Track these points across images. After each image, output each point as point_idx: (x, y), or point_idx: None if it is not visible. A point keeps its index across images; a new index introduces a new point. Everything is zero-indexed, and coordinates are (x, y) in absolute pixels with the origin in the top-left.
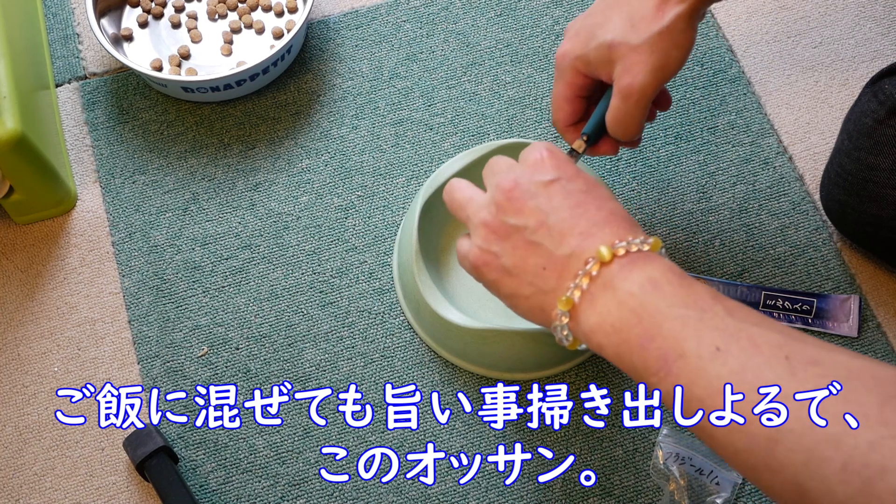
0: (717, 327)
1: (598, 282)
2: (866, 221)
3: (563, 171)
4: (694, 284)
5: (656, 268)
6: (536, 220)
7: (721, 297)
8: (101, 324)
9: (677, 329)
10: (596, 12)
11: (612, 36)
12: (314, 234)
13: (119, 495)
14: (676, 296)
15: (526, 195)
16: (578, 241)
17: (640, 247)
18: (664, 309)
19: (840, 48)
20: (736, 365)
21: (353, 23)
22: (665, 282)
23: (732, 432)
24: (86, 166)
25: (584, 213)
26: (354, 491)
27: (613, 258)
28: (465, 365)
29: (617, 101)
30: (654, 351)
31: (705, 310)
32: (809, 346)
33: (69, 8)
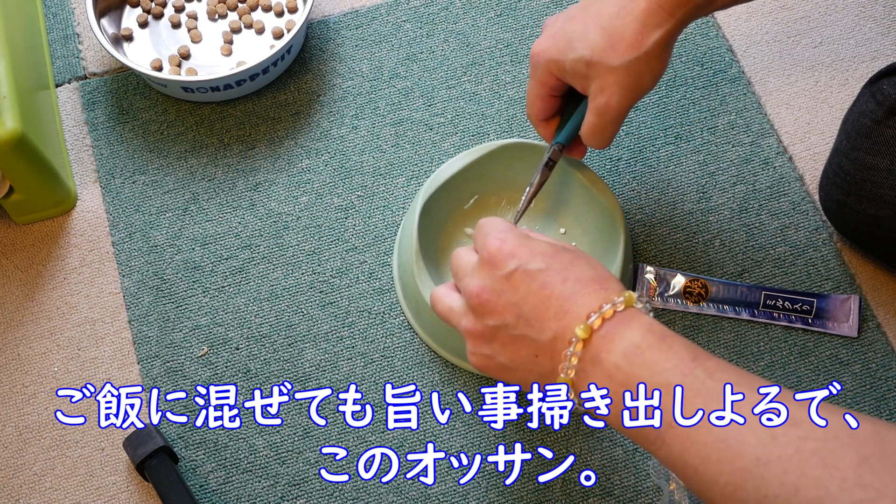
0: (700, 391)
1: (585, 359)
2: (865, 221)
3: (518, 256)
4: (673, 344)
5: (636, 331)
6: (512, 315)
7: (700, 356)
8: (101, 324)
9: (664, 399)
10: (575, 17)
11: (589, 53)
12: (314, 234)
13: (119, 495)
14: (657, 363)
15: (493, 294)
16: (556, 323)
17: (614, 309)
18: (648, 379)
19: (840, 48)
20: (720, 432)
21: (353, 23)
22: (646, 346)
23: (726, 499)
24: (86, 166)
25: (552, 291)
26: (354, 491)
27: (591, 333)
28: (465, 365)
29: (592, 118)
30: (647, 421)
31: (686, 374)
32: (785, 403)
33: (69, 8)
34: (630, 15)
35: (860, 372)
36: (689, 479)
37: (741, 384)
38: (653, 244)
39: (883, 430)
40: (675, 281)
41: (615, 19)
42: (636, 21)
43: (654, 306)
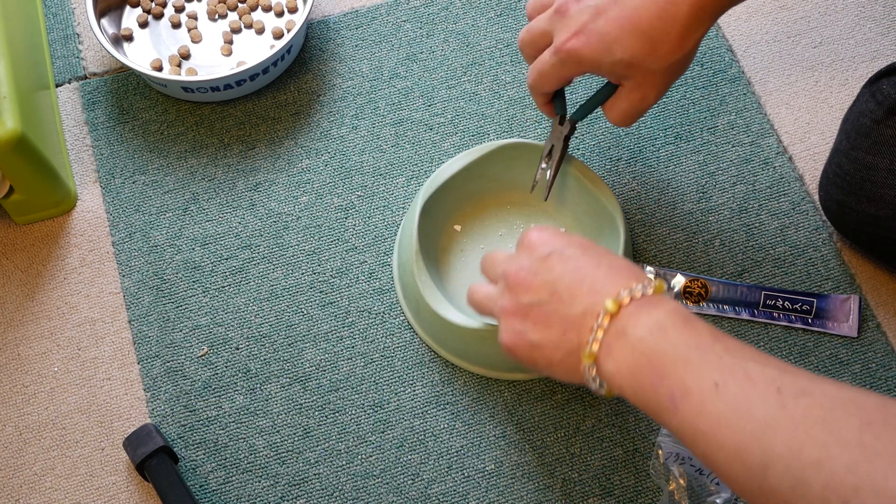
0: (717, 365)
1: (611, 332)
2: (864, 221)
3: (555, 244)
4: (696, 325)
5: (662, 311)
6: (547, 291)
7: (720, 336)
8: (101, 324)
9: (681, 370)
10: (607, 15)
11: (630, 57)
12: (314, 234)
13: (119, 495)
14: (680, 338)
15: (531, 274)
16: (587, 299)
17: (643, 292)
18: (670, 352)
19: (840, 48)
20: (732, 399)
21: (353, 23)
22: (670, 325)
23: (731, 461)
24: (86, 166)
25: (586, 273)
26: (354, 491)
27: (620, 308)
28: (465, 365)
29: (627, 106)
30: (664, 390)
31: (706, 350)
32: (800, 378)
33: (69, 8)
34: (672, 19)
35: (860, 372)
36: (696, 444)
37: (759, 360)
38: (653, 244)
39: (889, 403)
40: (675, 281)
41: (656, 22)
42: (679, 25)
43: None
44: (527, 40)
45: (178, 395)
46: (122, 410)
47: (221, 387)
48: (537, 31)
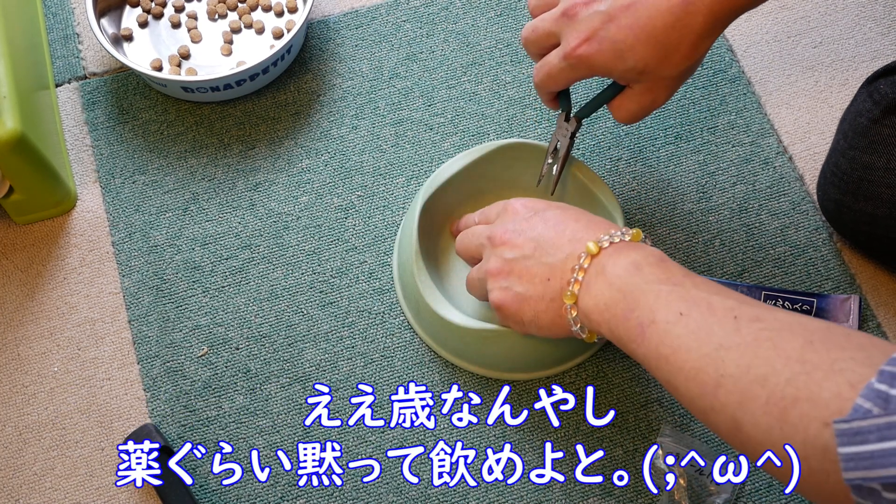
0: (684, 297)
1: (591, 271)
2: (862, 220)
3: (536, 208)
4: (669, 265)
5: (639, 253)
6: (530, 247)
7: (691, 275)
8: (101, 324)
9: (651, 301)
10: (619, 21)
11: (643, 65)
12: (314, 234)
13: (119, 495)
14: (653, 274)
15: (514, 234)
16: (569, 246)
17: (622, 237)
18: (643, 285)
19: (840, 48)
20: (694, 326)
21: (353, 23)
22: (645, 264)
23: (688, 382)
24: (86, 166)
25: (567, 226)
26: (354, 491)
27: (600, 250)
28: (465, 365)
29: (635, 107)
30: (634, 320)
31: (675, 284)
32: (756, 308)
33: (69, 8)
34: (687, 28)
35: None
36: (659, 369)
37: (722, 293)
38: (653, 244)
39: (833, 326)
40: None
41: (670, 32)
42: (693, 34)
43: None
44: (532, 39)
45: (178, 395)
46: (122, 410)
47: (221, 387)
48: (543, 31)
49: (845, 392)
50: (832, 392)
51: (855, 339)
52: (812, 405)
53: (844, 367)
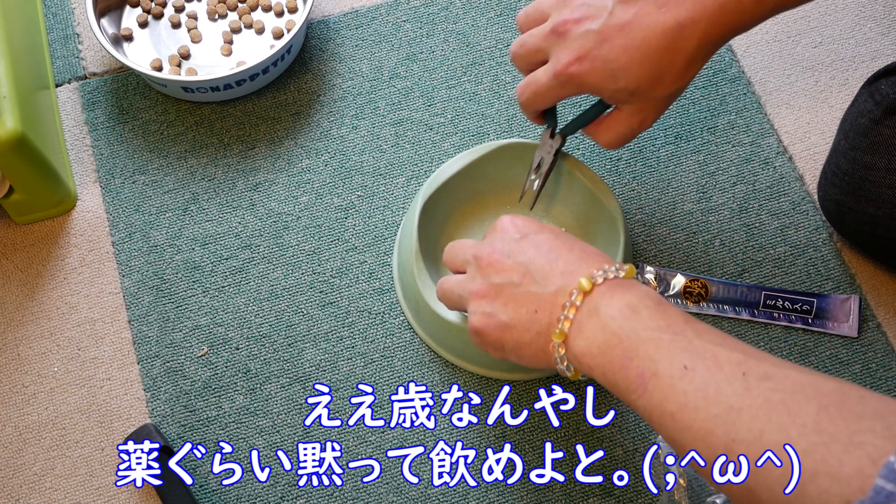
0: (686, 349)
1: (583, 310)
2: (863, 221)
3: (528, 228)
4: (668, 309)
5: (634, 294)
6: (519, 273)
7: (692, 321)
8: (101, 324)
9: (652, 350)
10: (612, 42)
11: (635, 86)
12: (314, 234)
13: (119, 495)
14: (652, 319)
15: (503, 255)
16: (560, 279)
17: (616, 274)
18: (641, 332)
19: (840, 48)
20: (700, 382)
21: (353, 23)
22: (642, 306)
23: (697, 443)
24: (86, 166)
25: (559, 255)
26: (354, 491)
27: (594, 287)
28: (465, 365)
29: (624, 129)
30: (633, 370)
31: (677, 332)
32: (764, 363)
33: (69, 8)
34: (680, 51)
35: (860, 372)
36: (663, 425)
37: (727, 345)
38: (653, 244)
39: (846, 387)
40: (675, 281)
41: (665, 54)
42: (686, 58)
43: None
44: (520, 54)
45: (178, 395)
46: (122, 410)
47: (221, 387)
48: (532, 47)
49: (867, 468)
50: (853, 468)
51: (870, 405)
52: (832, 481)
53: (864, 441)
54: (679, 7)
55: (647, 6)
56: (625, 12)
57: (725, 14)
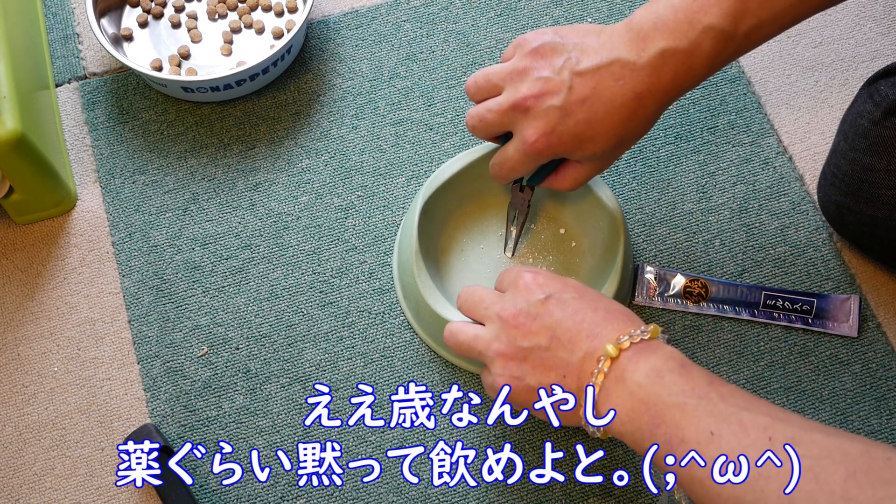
0: (712, 413)
1: (610, 377)
2: (863, 222)
3: (552, 287)
4: (692, 371)
5: (659, 357)
6: (546, 337)
7: (715, 382)
8: (101, 324)
9: (678, 417)
10: (576, 116)
11: (602, 151)
12: (314, 234)
13: (119, 495)
14: (676, 384)
15: (529, 318)
16: (587, 343)
17: (641, 336)
18: (666, 398)
19: (840, 48)
20: (727, 448)
21: (353, 23)
22: (667, 370)
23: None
24: (86, 166)
25: (584, 317)
26: (354, 491)
27: (620, 352)
28: (465, 365)
29: (583, 177)
30: (661, 437)
31: (701, 396)
32: (791, 426)
33: (69, 8)
34: (640, 118)
35: (860, 372)
36: (694, 490)
37: (752, 408)
38: (653, 244)
39: (872, 449)
40: (675, 281)
41: (627, 123)
42: (645, 122)
43: (653, 306)
44: (479, 128)
45: (178, 395)
46: (122, 410)
47: (221, 387)
48: (491, 122)
49: None
50: None
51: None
52: None
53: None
54: (635, 79)
55: (604, 79)
56: (584, 86)
57: (678, 80)
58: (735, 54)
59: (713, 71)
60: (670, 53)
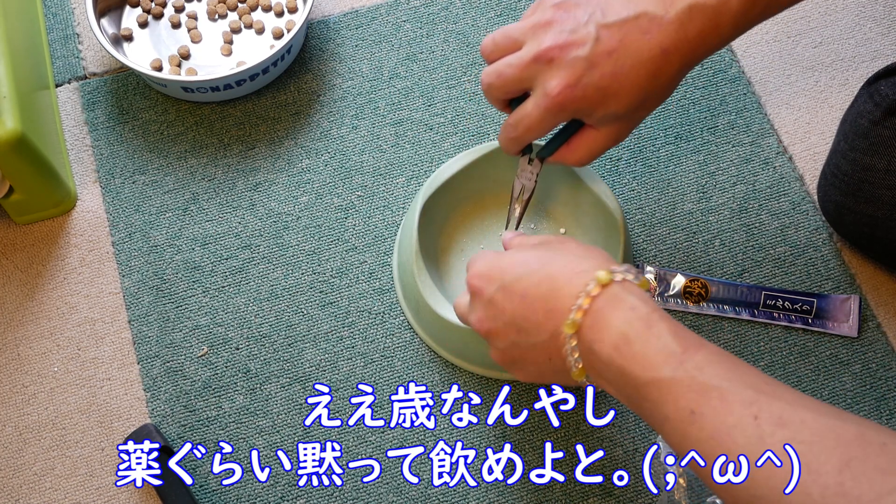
0: (690, 387)
1: (583, 351)
2: (863, 222)
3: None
4: (661, 334)
5: (620, 318)
6: (513, 332)
7: (689, 347)
8: (101, 324)
9: (655, 394)
10: (602, 68)
11: (624, 110)
12: (314, 234)
13: (119, 495)
14: (647, 355)
15: (490, 321)
16: (548, 323)
17: (589, 297)
18: (640, 373)
19: (840, 48)
20: (710, 429)
21: (353, 23)
22: (634, 337)
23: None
24: (86, 166)
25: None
26: (354, 491)
27: (578, 328)
28: (465, 365)
29: (599, 147)
30: (647, 413)
31: (676, 367)
32: (777, 401)
33: (69, 8)
34: (665, 76)
35: (860, 372)
36: (684, 457)
37: (733, 378)
38: (653, 244)
39: (867, 432)
40: (675, 281)
41: (652, 80)
42: (669, 82)
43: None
44: (496, 85)
45: (178, 395)
46: (122, 410)
47: (221, 387)
48: (511, 77)
49: None
50: None
51: (893, 453)
52: None
53: (892, 502)
54: (662, 34)
55: (631, 32)
56: (610, 38)
57: (704, 39)
58: (761, 16)
59: (738, 32)
60: (698, 9)
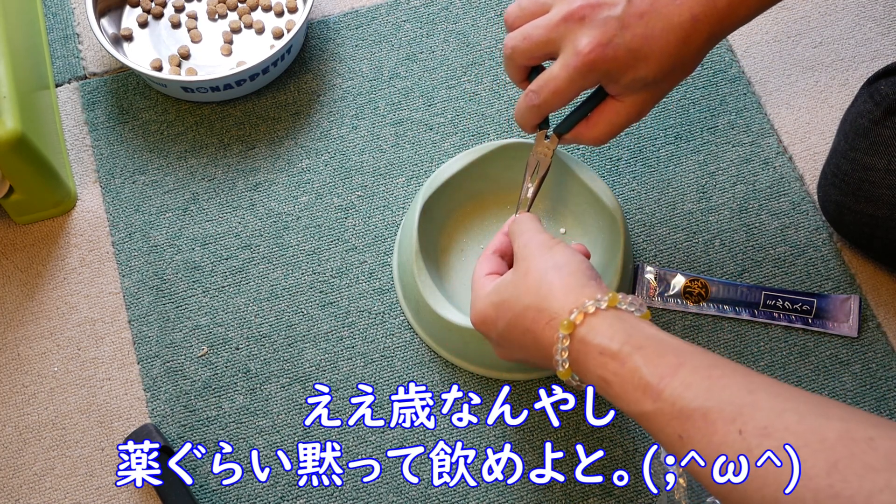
0: (673, 415)
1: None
2: (863, 222)
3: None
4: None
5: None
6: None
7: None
8: (101, 324)
9: (645, 424)
10: (633, 29)
11: (652, 76)
12: (314, 234)
13: (119, 495)
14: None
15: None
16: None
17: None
18: (626, 409)
19: (840, 48)
20: (699, 450)
21: (353, 23)
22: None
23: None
24: (86, 166)
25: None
26: (354, 491)
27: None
28: (465, 365)
29: (620, 120)
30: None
31: (656, 399)
32: (760, 411)
33: (69, 8)
34: (693, 44)
35: (860, 372)
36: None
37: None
38: (653, 244)
39: (853, 428)
40: (675, 281)
41: (681, 47)
42: (696, 51)
43: (653, 306)
44: (522, 49)
45: (178, 395)
46: (122, 410)
47: (221, 387)
48: (538, 39)
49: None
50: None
51: (882, 450)
52: None
53: (883, 500)
54: (693, 0)
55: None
56: (642, 1)
57: (733, 9)
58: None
59: (761, 9)
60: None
